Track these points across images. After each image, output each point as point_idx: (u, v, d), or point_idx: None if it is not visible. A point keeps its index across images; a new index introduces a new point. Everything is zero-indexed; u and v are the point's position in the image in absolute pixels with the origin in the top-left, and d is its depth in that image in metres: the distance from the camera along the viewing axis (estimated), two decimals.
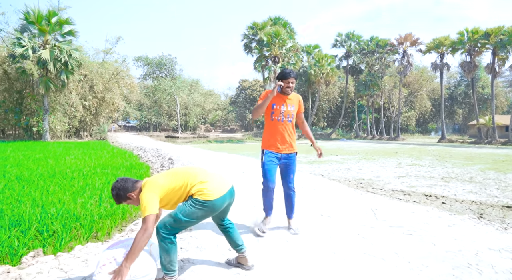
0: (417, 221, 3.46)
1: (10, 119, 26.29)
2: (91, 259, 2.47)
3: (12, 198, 5.65)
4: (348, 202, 4.57)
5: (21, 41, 22.63)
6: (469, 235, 2.99)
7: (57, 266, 2.42)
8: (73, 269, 2.34)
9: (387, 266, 2.28)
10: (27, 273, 2.26)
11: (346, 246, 2.71)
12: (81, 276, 2.19)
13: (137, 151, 16.05)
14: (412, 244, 2.75)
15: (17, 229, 4.06)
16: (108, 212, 4.94)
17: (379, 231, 3.10)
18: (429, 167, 11.92)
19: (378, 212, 3.78)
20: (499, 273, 2.16)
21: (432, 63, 34.03)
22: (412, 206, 4.34)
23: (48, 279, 2.19)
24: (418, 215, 3.74)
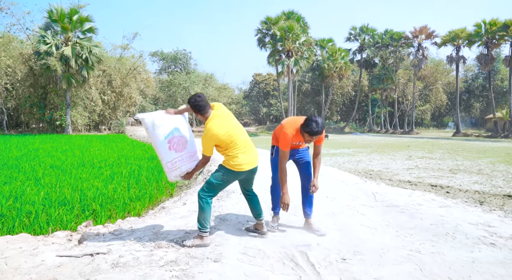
0: (411, 202, 3.90)
1: (35, 113, 27.55)
2: (135, 227, 3.04)
3: (51, 184, 6.34)
4: (353, 187, 5.03)
5: (45, 39, 23.66)
6: (455, 214, 3.42)
7: (108, 231, 3.00)
8: (122, 233, 2.91)
9: (378, 233, 2.76)
10: (88, 234, 2.84)
11: (345, 220, 3.20)
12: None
13: None
14: (402, 219, 3.20)
15: (63, 207, 4.72)
16: (137, 196, 5.56)
17: (376, 209, 3.56)
18: (439, 160, 12.15)
19: (378, 195, 4.24)
20: (469, 239, 2.62)
21: (447, 56, 33.60)
22: (410, 191, 4.77)
23: (105, 239, 2.77)
24: (413, 198, 4.17)
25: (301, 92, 46.87)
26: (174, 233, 2.79)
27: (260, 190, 4.59)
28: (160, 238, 2.70)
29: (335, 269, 2.19)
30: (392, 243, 2.55)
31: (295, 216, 3.41)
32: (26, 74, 26.81)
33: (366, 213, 3.48)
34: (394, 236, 2.74)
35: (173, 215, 3.39)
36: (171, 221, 3.13)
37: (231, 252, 2.39)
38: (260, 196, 3.06)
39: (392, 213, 3.46)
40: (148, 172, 7.84)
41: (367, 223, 3.12)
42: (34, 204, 4.74)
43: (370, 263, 2.27)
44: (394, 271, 2.16)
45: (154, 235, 2.76)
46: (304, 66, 34.32)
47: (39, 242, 2.71)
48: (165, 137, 2.88)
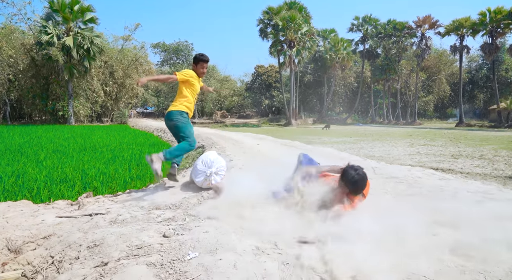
0: (411, 175, 3.91)
1: (38, 104, 27.62)
2: (134, 195, 3.07)
3: (53, 165, 6.39)
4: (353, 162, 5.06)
5: (46, 29, 23.62)
6: (454, 185, 3.43)
7: (108, 199, 3.03)
8: (120, 200, 2.94)
9: (376, 198, 2.77)
10: (87, 201, 2.88)
11: None
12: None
13: (157, 133, 16.82)
14: (401, 188, 3.22)
15: (64, 185, 4.76)
16: (138, 175, 5.60)
17: (375, 180, 3.57)
18: (441, 147, 12.12)
19: (377, 169, 4.25)
20: (466, 201, 2.64)
21: (451, 46, 33.26)
22: (410, 167, 4.77)
23: (104, 205, 2.80)
24: (413, 172, 4.18)
25: (303, 83, 46.66)
26: (173, 199, 2.82)
27: None
28: (158, 202, 2.73)
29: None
30: (389, 204, 2.57)
31: None
32: (28, 64, 26.82)
33: None
34: (391, 199, 2.76)
35: (171, 187, 3.41)
36: (171, 190, 3.15)
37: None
38: None
39: (391, 184, 3.47)
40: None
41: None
42: (36, 181, 4.79)
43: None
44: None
45: (153, 201, 2.79)
46: (306, 57, 34.14)
47: (40, 207, 2.75)
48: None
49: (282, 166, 3.29)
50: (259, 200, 2.51)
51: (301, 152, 3.19)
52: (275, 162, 5.21)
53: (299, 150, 8.09)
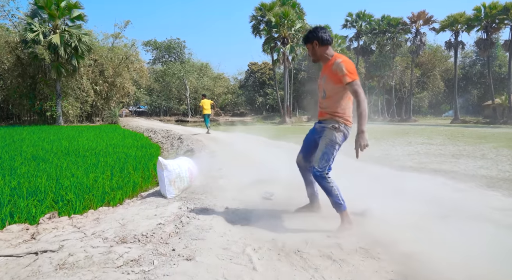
0: (423, 188, 3.48)
1: (25, 105, 26.79)
2: (102, 218, 2.59)
3: (28, 173, 5.87)
4: (353, 170, 4.63)
5: (32, 26, 22.82)
6: (474, 199, 3.02)
7: (71, 224, 2.55)
8: (85, 226, 2.46)
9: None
10: (44, 228, 2.40)
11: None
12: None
13: (148, 133, 16.29)
14: (417, 207, 2.81)
15: (34, 198, 4.25)
16: (120, 185, 5.10)
17: (388, 198, 3.15)
18: (440, 145, 11.76)
19: (382, 179, 3.82)
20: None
21: (446, 41, 33.08)
22: (417, 175, 4.35)
23: (62, 233, 2.32)
24: (423, 182, 3.76)
25: (297, 80, 46.21)
26: (145, 224, 2.34)
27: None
28: (127, 230, 2.25)
29: None
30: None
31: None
32: (14, 63, 25.97)
33: (372, 196, 3.06)
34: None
35: (149, 203, 2.94)
36: (145, 211, 2.68)
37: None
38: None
39: (401, 197, 3.03)
40: (135, 160, 7.37)
41: (376, 213, 2.72)
42: (1, 194, 4.28)
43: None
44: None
45: (121, 227, 2.32)
46: (300, 54, 33.65)
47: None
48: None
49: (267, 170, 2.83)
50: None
51: None
52: (264, 169, 4.76)
53: (288, 150, 7.67)
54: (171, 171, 3.20)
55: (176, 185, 3.21)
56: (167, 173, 3.18)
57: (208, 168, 4.52)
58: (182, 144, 8.93)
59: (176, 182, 3.21)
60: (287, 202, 3.00)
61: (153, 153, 8.83)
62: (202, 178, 3.90)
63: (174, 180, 3.20)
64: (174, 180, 3.19)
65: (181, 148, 8.35)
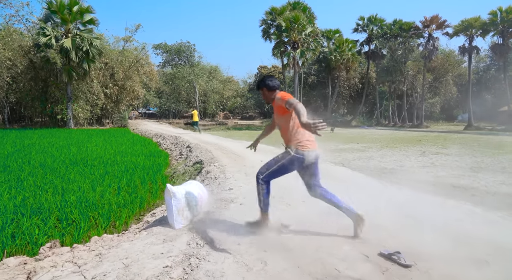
0: (450, 218, 3.21)
1: (37, 107, 27.11)
2: (105, 254, 2.40)
3: (35, 185, 5.76)
4: (374, 191, 4.36)
5: (45, 31, 23.08)
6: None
7: (71, 260, 2.36)
8: (86, 264, 2.27)
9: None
10: (41, 266, 2.22)
11: None
12: None
13: (157, 139, 16.20)
14: (445, 245, 2.54)
15: (38, 217, 4.12)
16: (126, 201, 4.95)
17: (409, 232, 2.89)
18: (456, 156, 11.35)
19: (405, 207, 3.55)
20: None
21: (459, 46, 32.37)
22: (441, 200, 4.07)
23: (61, 274, 2.13)
24: (449, 210, 3.48)
25: (307, 84, 45.90)
26: (150, 268, 2.14)
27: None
28: (130, 274, 2.05)
29: None
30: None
31: None
32: (27, 67, 26.29)
33: (397, 235, 2.80)
34: (444, 275, 2.07)
35: (155, 236, 2.73)
36: (151, 247, 2.47)
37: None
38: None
39: (430, 235, 2.77)
40: (143, 171, 7.23)
41: (398, 245, 2.46)
42: (5, 213, 4.15)
43: None
44: None
45: (125, 269, 2.11)
46: (310, 58, 33.38)
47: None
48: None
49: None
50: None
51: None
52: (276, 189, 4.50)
53: None
54: (179, 200, 2.97)
55: (184, 215, 2.99)
56: (176, 202, 2.95)
57: (218, 188, 4.32)
58: (192, 154, 8.75)
59: (184, 211, 2.99)
60: (302, 238, 2.76)
61: (161, 163, 8.70)
62: (212, 200, 3.68)
63: (183, 209, 2.98)
64: (182, 209, 2.97)
65: (190, 159, 8.16)
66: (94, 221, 4.23)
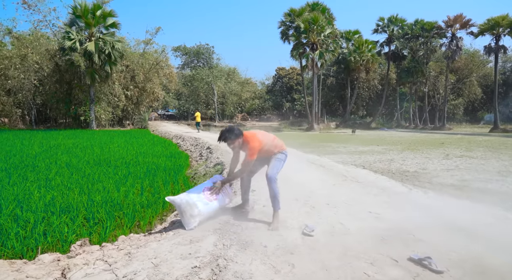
0: (477, 221, 3.10)
1: (61, 109, 28.02)
2: (134, 253, 2.45)
3: (62, 185, 5.95)
4: (398, 197, 4.27)
5: (69, 35, 23.84)
6: None
7: (101, 258, 2.43)
8: (116, 262, 2.33)
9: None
10: (74, 263, 2.29)
11: (400, 248, 2.48)
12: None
13: (176, 140, 16.43)
14: (476, 249, 2.45)
15: (66, 215, 4.24)
16: (150, 202, 5.03)
17: (438, 231, 2.80)
18: (482, 159, 10.97)
19: (432, 210, 3.45)
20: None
21: (485, 46, 31.29)
22: (470, 204, 3.94)
23: (93, 271, 2.19)
24: (477, 214, 3.36)
25: (325, 86, 45.50)
26: (179, 268, 2.17)
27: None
28: (160, 274, 2.09)
29: None
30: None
31: None
32: (53, 70, 27.24)
33: (424, 239, 2.73)
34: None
35: (182, 236, 2.77)
36: (178, 247, 2.51)
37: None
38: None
39: (460, 240, 2.68)
40: (165, 172, 7.35)
41: (427, 250, 2.40)
42: (36, 211, 4.30)
43: None
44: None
45: (154, 269, 2.15)
46: (329, 59, 33.08)
47: (12, 273, 2.18)
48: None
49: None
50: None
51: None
52: (304, 194, 4.47)
53: (328, 170, 7.34)
54: (180, 205, 3.20)
55: (194, 216, 3.15)
56: (178, 207, 3.21)
57: (240, 190, 4.34)
58: (212, 156, 8.83)
59: (192, 214, 3.15)
60: (328, 240, 2.74)
61: (182, 164, 8.82)
62: (235, 202, 3.70)
63: (189, 212, 3.15)
64: (188, 212, 3.16)
65: (211, 160, 8.24)
66: (119, 221, 4.33)
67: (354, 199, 4.28)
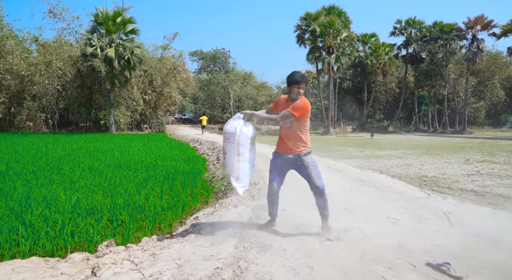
0: (498, 228, 3.08)
1: (82, 113, 28.93)
2: (159, 254, 2.57)
3: (86, 187, 6.18)
4: (416, 203, 4.26)
5: (91, 41, 24.65)
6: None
7: (128, 258, 2.55)
8: (142, 262, 2.45)
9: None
10: (103, 262, 2.42)
11: (417, 255, 2.51)
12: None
13: (193, 144, 16.69)
14: (499, 257, 2.44)
15: (91, 217, 4.43)
16: (170, 205, 5.18)
17: (455, 239, 2.80)
18: (505, 164, 10.66)
19: (451, 217, 3.44)
20: None
21: (509, 47, 30.47)
22: (491, 211, 3.89)
23: (121, 270, 2.32)
24: (498, 221, 3.33)
25: (342, 89, 45.18)
26: (202, 269, 2.27)
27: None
28: (184, 274, 2.19)
29: None
30: None
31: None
32: (75, 75, 28.18)
33: (442, 245, 2.74)
34: None
35: (204, 238, 2.88)
36: (201, 249, 2.61)
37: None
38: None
39: (480, 246, 2.68)
40: (183, 176, 7.51)
41: (445, 256, 2.42)
42: (63, 212, 4.51)
43: None
44: None
45: (179, 269, 2.26)
46: (346, 63, 32.88)
47: (48, 270, 2.33)
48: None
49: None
50: None
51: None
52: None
53: (345, 175, 7.34)
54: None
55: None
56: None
57: (258, 194, 4.43)
58: None
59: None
60: (346, 244, 2.79)
61: (199, 168, 8.98)
62: (253, 206, 3.78)
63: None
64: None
65: None
66: (141, 223, 4.48)
67: (372, 204, 4.29)
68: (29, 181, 6.59)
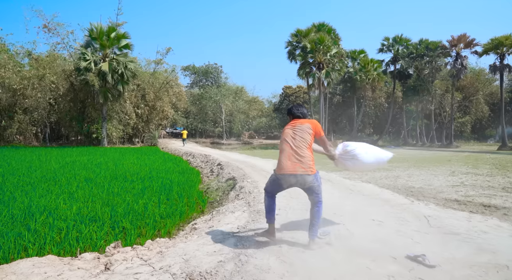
0: (473, 229, 3.40)
1: (74, 126, 28.89)
2: (165, 252, 2.81)
3: (84, 197, 6.35)
4: (399, 208, 4.56)
5: (85, 56, 24.91)
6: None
7: (136, 256, 2.78)
8: (150, 259, 2.68)
9: (444, 270, 2.34)
10: (115, 259, 2.65)
11: (398, 251, 2.82)
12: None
13: (186, 157, 16.87)
14: (468, 251, 2.75)
15: (93, 224, 4.62)
16: (168, 213, 5.40)
17: (433, 237, 3.10)
18: (488, 176, 11.13)
19: (431, 219, 3.76)
20: None
21: (490, 65, 31.69)
22: (468, 215, 4.22)
23: (132, 265, 2.55)
24: (474, 223, 3.65)
25: (332, 104, 46.07)
26: (206, 262, 2.52)
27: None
28: (191, 266, 2.44)
29: None
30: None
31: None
32: (68, 89, 28.28)
33: (421, 242, 3.05)
34: (466, 275, 2.33)
35: (206, 238, 3.13)
36: (204, 247, 2.87)
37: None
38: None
39: (454, 242, 3.00)
40: (179, 186, 7.72)
41: (426, 254, 2.72)
42: (66, 220, 4.69)
43: None
44: None
45: (185, 263, 2.51)
46: (336, 78, 33.72)
47: (65, 266, 2.55)
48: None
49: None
50: None
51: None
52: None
53: (336, 184, 7.65)
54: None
55: None
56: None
57: (254, 201, 4.68)
58: (223, 171, 9.21)
59: None
60: (335, 242, 3.07)
61: (194, 179, 9.19)
62: (249, 211, 4.04)
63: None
64: None
65: (222, 176, 8.62)
66: (142, 230, 4.69)
67: (359, 209, 4.60)
68: (27, 192, 6.72)
